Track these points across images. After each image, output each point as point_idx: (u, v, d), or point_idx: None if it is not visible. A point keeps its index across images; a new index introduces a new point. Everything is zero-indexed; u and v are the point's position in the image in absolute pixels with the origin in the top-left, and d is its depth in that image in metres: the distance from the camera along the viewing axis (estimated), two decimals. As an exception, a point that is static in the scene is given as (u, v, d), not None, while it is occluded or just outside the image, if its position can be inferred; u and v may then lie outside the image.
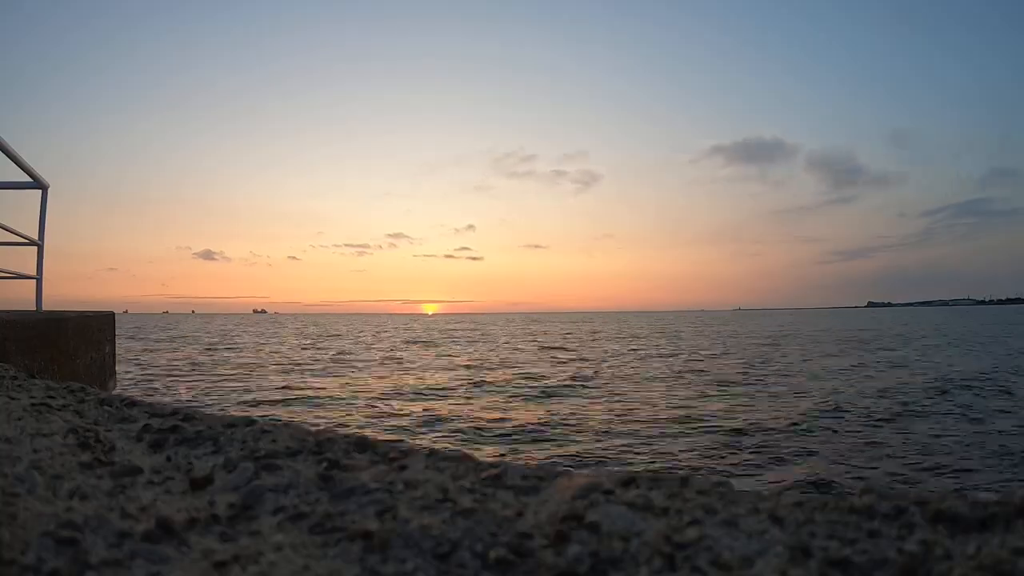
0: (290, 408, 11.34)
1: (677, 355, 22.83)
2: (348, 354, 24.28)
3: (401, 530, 0.65)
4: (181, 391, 13.35)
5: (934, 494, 0.68)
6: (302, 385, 14.38)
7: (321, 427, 1.08)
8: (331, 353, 24.78)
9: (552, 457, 7.50)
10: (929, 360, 19.42)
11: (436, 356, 23.68)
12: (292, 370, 17.95)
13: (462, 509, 0.70)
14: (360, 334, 44.29)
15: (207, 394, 12.87)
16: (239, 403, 11.52)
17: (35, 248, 5.03)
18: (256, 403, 11.61)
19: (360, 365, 19.65)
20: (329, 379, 15.78)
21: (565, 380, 15.11)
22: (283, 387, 13.97)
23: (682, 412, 10.21)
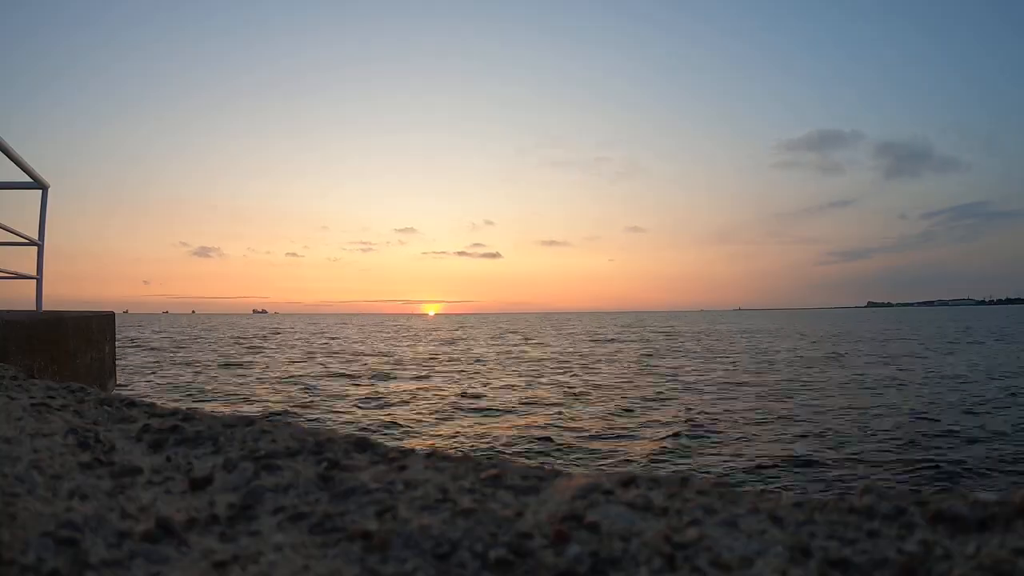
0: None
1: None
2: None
3: (401, 530, 0.65)
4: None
5: (934, 494, 0.68)
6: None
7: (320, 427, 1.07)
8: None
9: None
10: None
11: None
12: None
13: (462, 509, 0.70)
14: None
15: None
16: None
17: (35, 248, 5.03)
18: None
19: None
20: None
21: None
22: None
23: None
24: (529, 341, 34.78)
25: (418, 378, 16.50)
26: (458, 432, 9.50)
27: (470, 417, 10.70)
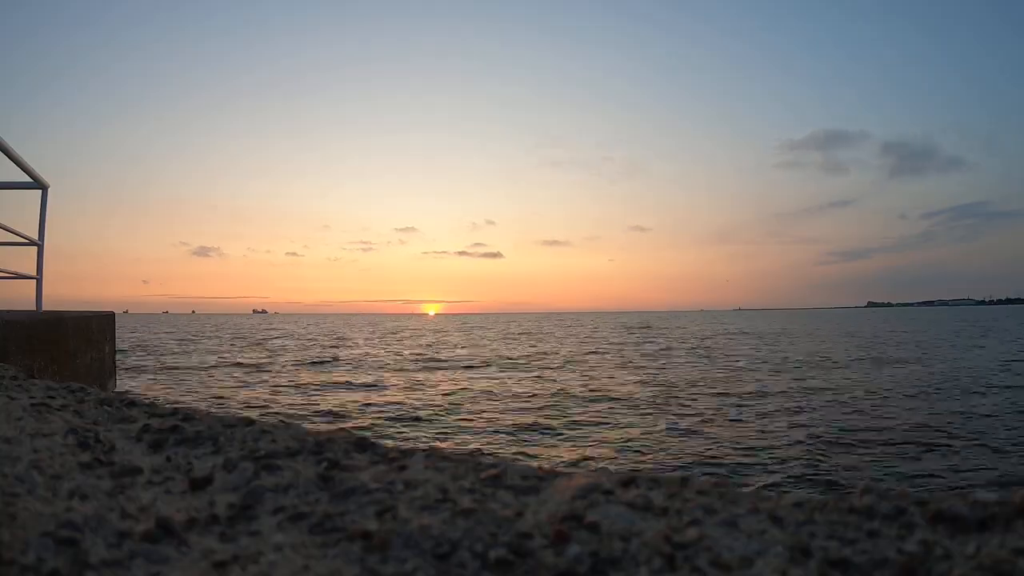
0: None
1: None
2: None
3: (401, 530, 0.65)
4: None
5: (934, 494, 0.68)
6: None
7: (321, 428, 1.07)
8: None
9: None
10: None
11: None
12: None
13: (462, 509, 0.70)
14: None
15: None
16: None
17: (35, 248, 5.03)
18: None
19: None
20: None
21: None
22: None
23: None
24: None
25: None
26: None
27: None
